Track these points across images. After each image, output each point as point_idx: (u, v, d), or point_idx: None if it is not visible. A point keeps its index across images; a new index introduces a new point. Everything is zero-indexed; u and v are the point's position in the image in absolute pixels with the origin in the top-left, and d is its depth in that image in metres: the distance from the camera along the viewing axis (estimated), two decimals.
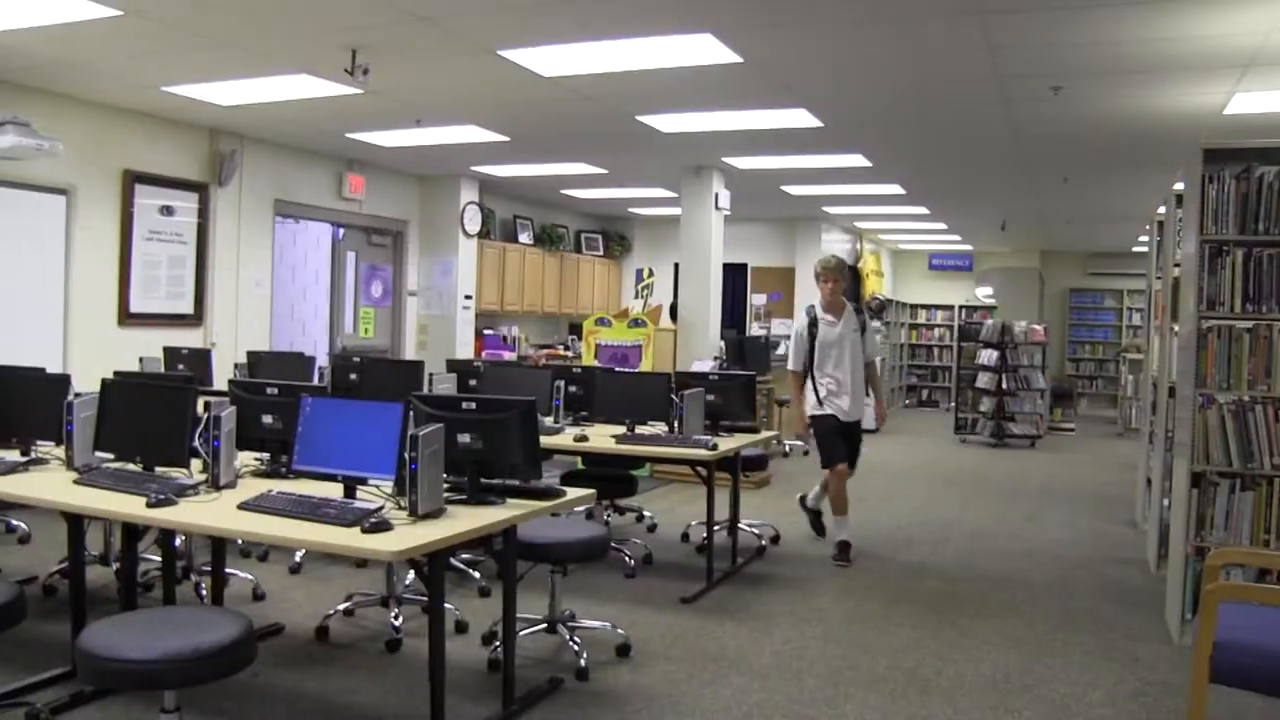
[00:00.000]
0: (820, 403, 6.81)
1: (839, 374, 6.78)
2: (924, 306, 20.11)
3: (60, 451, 4.46)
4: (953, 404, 15.71)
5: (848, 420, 6.86)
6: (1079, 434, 15.28)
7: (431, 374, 6.91)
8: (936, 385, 19.95)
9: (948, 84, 6.82)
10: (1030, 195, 11.85)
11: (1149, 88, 6.62)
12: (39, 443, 4.68)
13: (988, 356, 13.81)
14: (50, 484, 4.08)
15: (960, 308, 19.51)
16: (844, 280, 6.88)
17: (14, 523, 6.73)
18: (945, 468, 11.56)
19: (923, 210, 13.75)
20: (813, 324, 6.85)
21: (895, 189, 11.70)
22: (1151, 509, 6.87)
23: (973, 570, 6.61)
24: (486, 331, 12.90)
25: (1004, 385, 13.67)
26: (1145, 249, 10.20)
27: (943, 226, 15.77)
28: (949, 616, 5.50)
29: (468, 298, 12.10)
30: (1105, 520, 8.43)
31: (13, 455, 4.51)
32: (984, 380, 13.81)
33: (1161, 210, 7.72)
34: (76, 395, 4.40)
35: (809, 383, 6.88)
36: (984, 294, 18.67)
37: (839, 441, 6.83)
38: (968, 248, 19.12)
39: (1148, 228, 9.41)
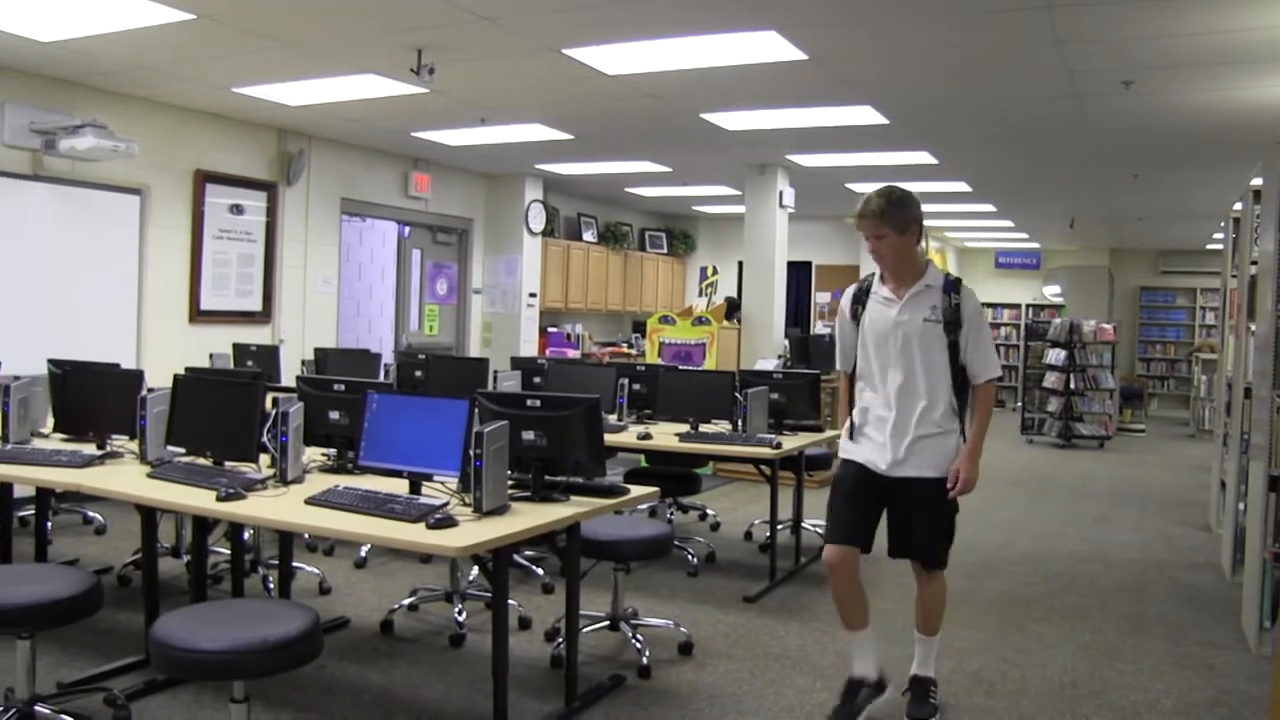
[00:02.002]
0: (851, 436, 4.08)
1: (886, 390, 3.96)
2: (990, 305, 19.82)
3: (134, 446, 4.54)
4: (1019, 404, 15.51)
5: (888, 475, 3.95)
6: (1150, 435, 14.99)
7: (496, 371, 6.95)
8: (1002, 385, 19.64)
9: (1016, 80, 6.71)
10: (1100, 192, 11.64)
11: (1223, 80, 6.46)
12: (114, 437, 4.78)
13: (1055, 356, 13.60)
14: (125, 477, 4.17)
15: (1027, 306, 19.21)
16: (905, 228, 3.95)
17: (91, 514, 6.89)
18: (1011, 468, 11.39)
19: (989, 208, 13.57)
20: (859, 298, 4.10)
21: (962, 186, 11.56)
22: (1226, 513, 6.71)
23: (1039, 572, 6.50)
24: (550, 329, 12.96)
25: (1072, 385, 13.44)
26: (1220, 246, 9.98)
27: (1010, 224, 15.56)
28: (1014, 619, 5.42)
29: (532, 295, 12.15)
30: (1177, 523, 8.25)
31: (89, 449, 4.61)
32: (1051, 380, 13.60)
33: (1238, 206, 7.54)
34: (150, 391, 4.48)
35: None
36: (1052, 293, 18.38)
37: (851, 509, 4.08)
38: (1035, 246, 18.83)
39: (1222, 224, 9.20)
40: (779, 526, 6.12)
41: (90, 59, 6.82)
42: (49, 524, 5.59)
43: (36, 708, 3.56)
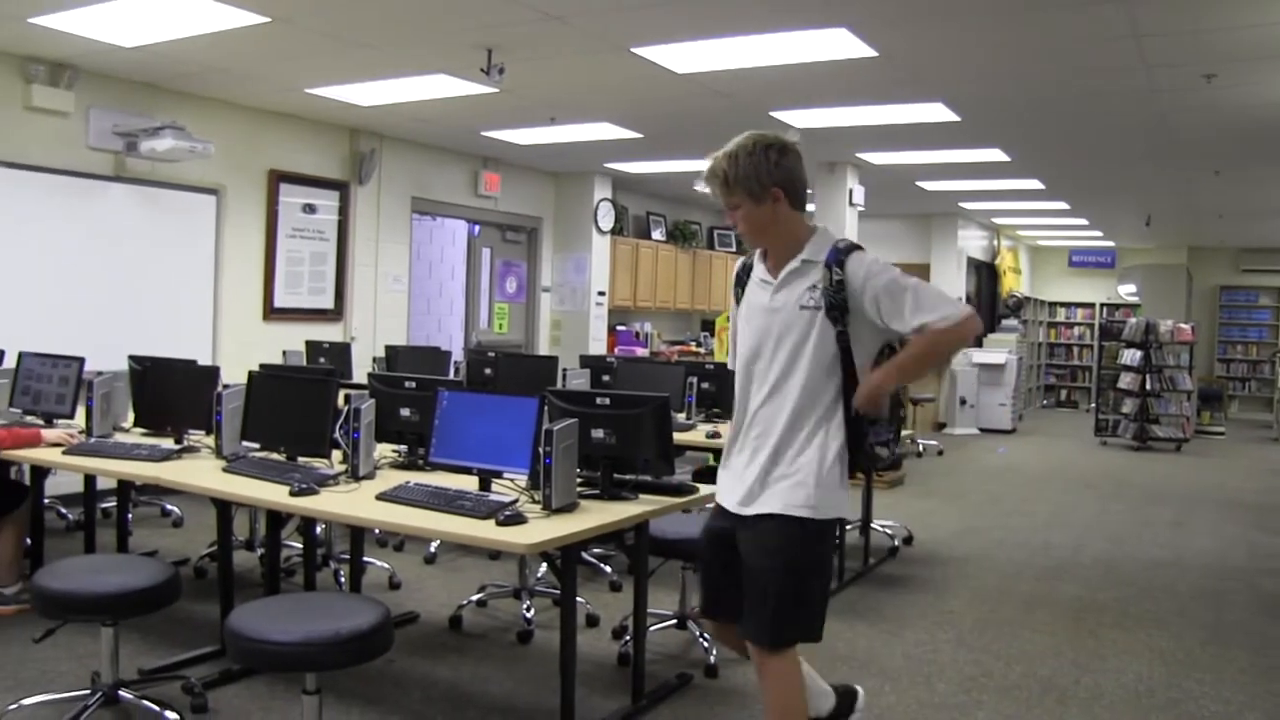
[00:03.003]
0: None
1: (752, 402, 3.05)
2: (1063, 304, 19.54)
3: (210, 440, 4.63)
4: (1093, 405, 15.26)
5: (740, 511, 3.03)
6: (1229, 438, 14.65)
7: (565, 369, 6.98)
8: (1076, 385, 19.39)
9: (1091, 75, 6.59)
10: (1178, 189, 11.37)
11: None
12: (191, 432, 4.88)
13: (1131, 356, 13.35)
14: (201, 471, 4.25)
15: (1102, 306, 18.90)
16: (762, 196, 3.14)
17: (168, 507, 7.04)
18: (1084, 470, 11.21)
19: (1063, 205, 13.34)
20: (740, 279, 3.23)
21: (1035, 184, 11.37)
22: None
23: (1113, 577, 6.37)
24: (619, 327, 12.97)
25: (1148, 386, 13.18)
26: None
27: (1084, 222, 15.28)
28: (1088, 624, 5.32)
29: (601, 294, 12.17)
30: (1259, 529, 8.05)
31: (167, 443, 4.71)
32: (1126, 381, 13.35)
33: None
34: (225, 387, 4.57)
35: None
36: (1127, 292, 18.01)
37: (708, 570, 3.23)
38: (1110, 244, 18.46)
39: None
40: (848, 527, 6.07)
41: (169, 62, 6.96)
42: (129, 516, 5.72)
43: (120, 692, 3.67)
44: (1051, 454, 12.59)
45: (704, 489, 4.10)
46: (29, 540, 5.15)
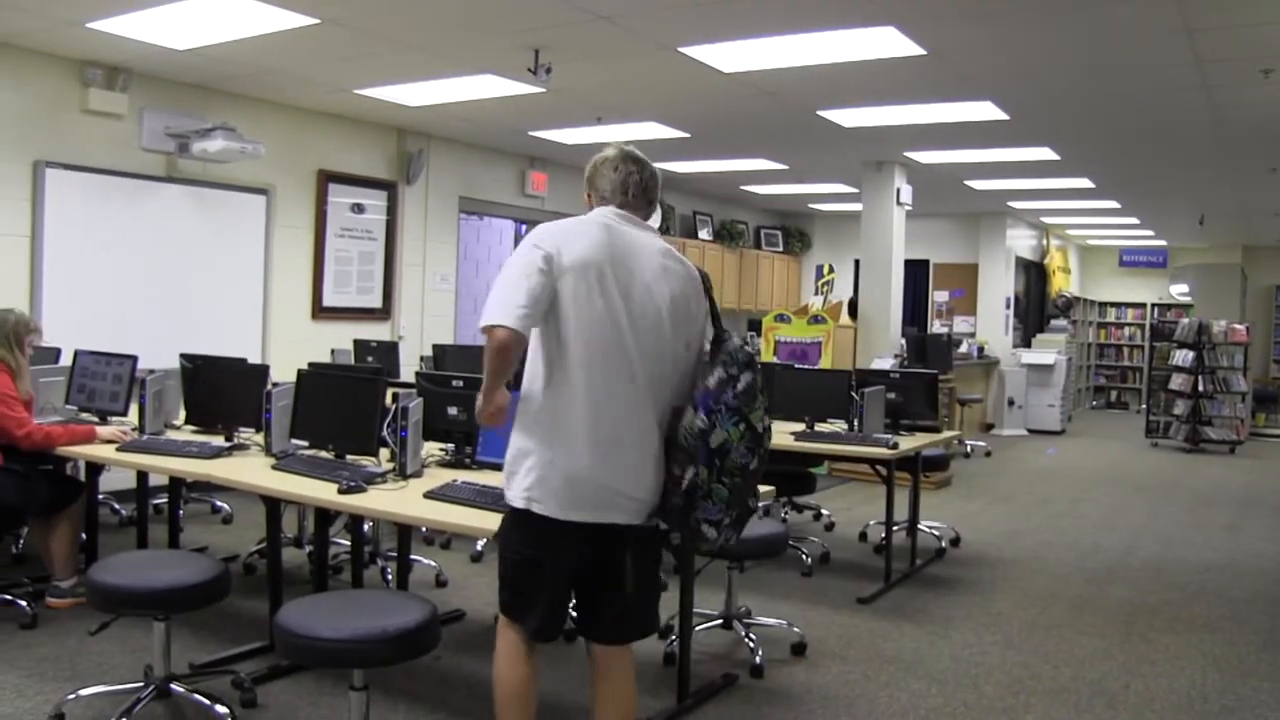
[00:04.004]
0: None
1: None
2: (1113, 305, 19.28)
3: (260, 438, 4.69)
4: (1144, 406, 15.04)
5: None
6: None
7: None
8: (1126, 386, 19.14)
9: (1143, 72, 6.49)
10: (1232, 187, 11.18)
11: None
12: (241, 429, 4.93)
13: (1183, 357, 13.16)
14: (250, 468, 4.29)
15: (1153, 306, 18.62)
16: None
17: (219, 504, 7.13)
18: (1135, 472, 11.06)
19: (1114, 204, 13.16)
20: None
21: (1085, 183, 11.23)
22: None
23: (1165, 580, 6.27)
24: None
25: (1200, 387, 12.99)
26: None
27: (1135, 221, 15.06)
28: (1138, 628, 5.25)
29: None
30: None
31: (217, 441, 4.76)
32: (1178, 382, 13.16)
33: None
34: (274, 385, 4.62)
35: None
36: (1179, 292, 17.74)
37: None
38: (1162, 243, 18.17)
39: None
40: (894, 528, 6.02)
41: (220, 64, 7.04)
42: (181, 512, 5.80)
43: (172, 686, 3.72)
44: (1101, 456, 12.43)
45: None
46: (83, 535, 5.24)
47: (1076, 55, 6.22)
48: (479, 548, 6.19)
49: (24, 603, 4.71)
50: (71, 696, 3.74)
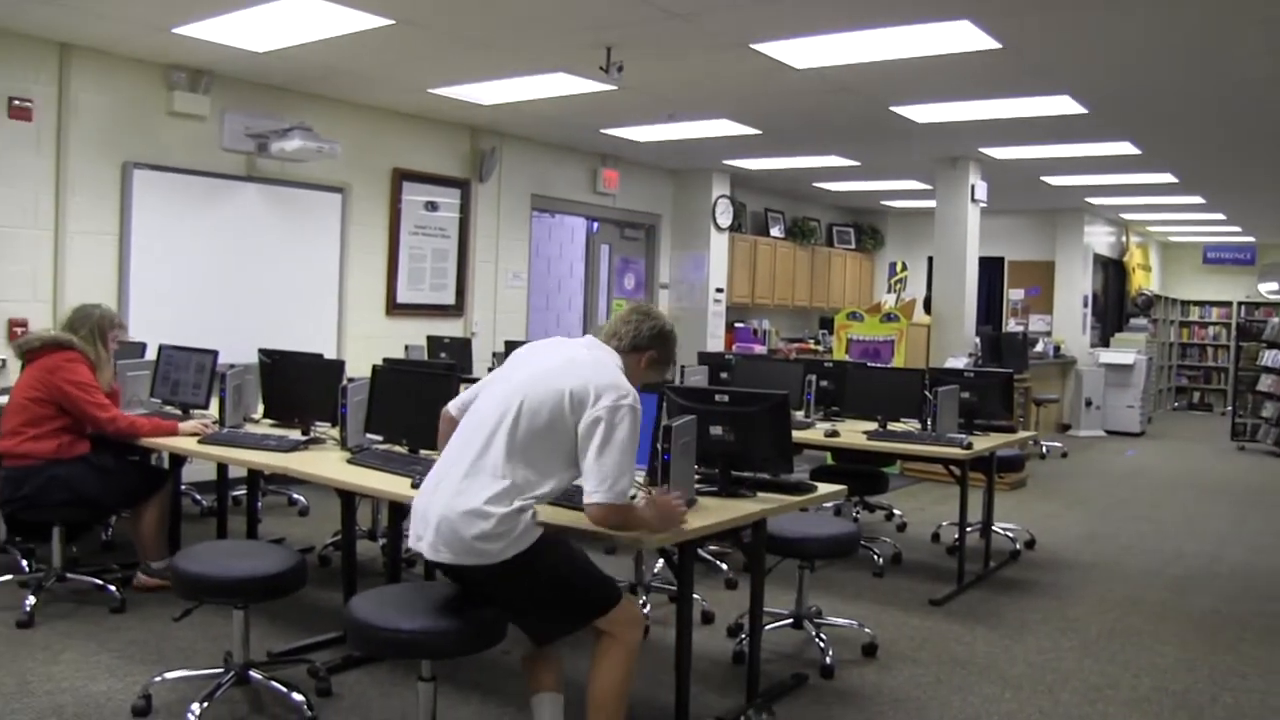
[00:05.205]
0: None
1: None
2: (1197, 303, 18.81)
3: (335, 432, 4.76)
4: (1229, 408, 14.68)
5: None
6: None
7: (683, 366, 6.97)
8: (1210, 387, 18.67)
9: (1228, 62, 6.31)
10: None
11: None
12: (317, 423, 5.02)
13: (1272, 357, 12.82)
14: (326, 462, 4.37)
15: (1239, 304, 18.13)
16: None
17: (295, 496, 7.25)
18: (1220, 476, 10.79)
19: (1198, 200, 12.84)
20: None
21: (1167, 178, 10.97)
22: None
23: (1253, 590, 6.11)
24: (737, 325, 12.94)
25: None
26: None
27: (1220, 217, 14.68)
28: (1225, 639, 5.11)
29: (719, 291, 12.15)
30: None
31: (295, 434, 4.85)
32: (1267, 383, 12.82)
33: None
34: (350, 380, 4.68)
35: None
36: (1268, 289, 17.27)
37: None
38: (1249, 239, 17.67)
39: None
40: (968, 529, 5.95)
41: (298, 66, 7.17)
42: (259, 504, 5.91)
43: (250, 673, 3.80)
44: (1183, 458, 12.15)
45: (822, 488, 4.06)
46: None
47: (1159, 45, 6.08)
48: None
49: (114, 588, 4.86)
50: (158, 679, 3.84)
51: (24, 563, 5.20)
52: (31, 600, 4.62)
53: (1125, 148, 9.22)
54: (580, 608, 3.16)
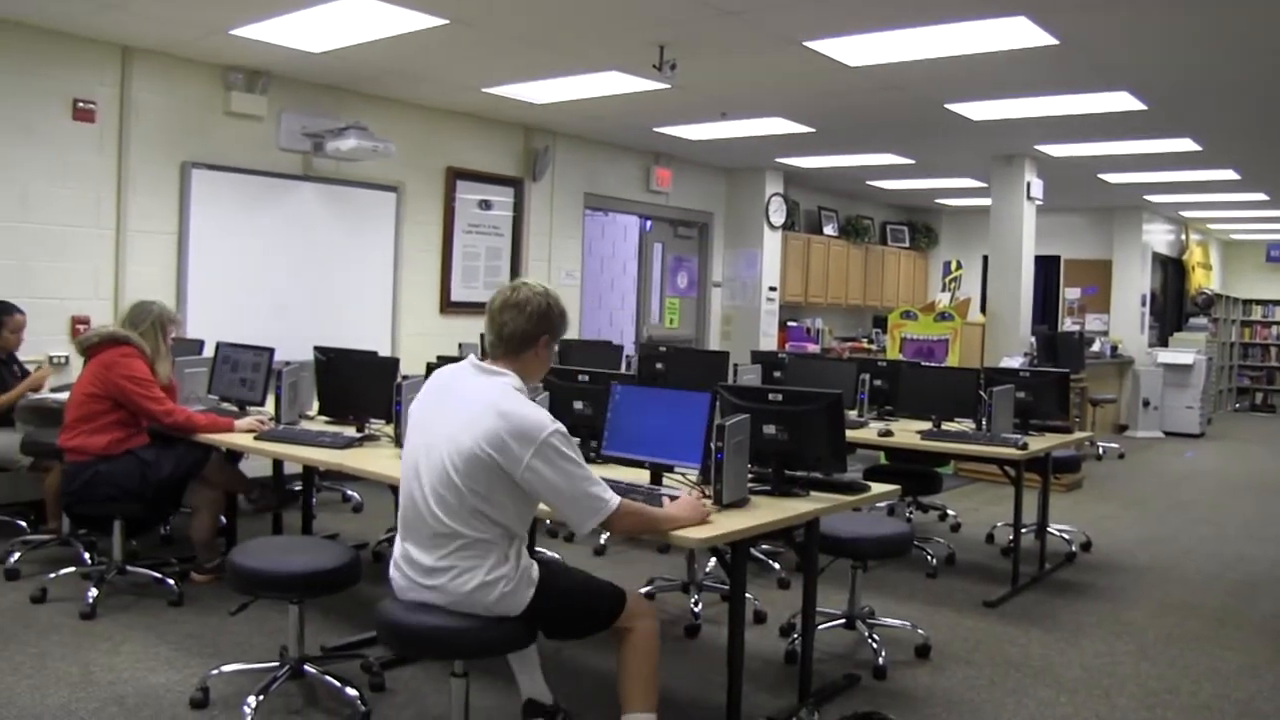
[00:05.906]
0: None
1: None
2: (1259, 302, 18.44)
3: (390, 429, 4.80)
4: None
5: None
6: None
7: (736, 365, 6.95)
8: (1273, 388, 18.31)
9: None
10: None
11: None
12: (371, 420, 5.06)
13: None
14: (380, 459, 4.40)
15: None
16: None
17: (349, 493, 7.32)
18: None
19: (1261, 196, 12.59)
20: None
21: (1229, 174, 10.77)
22: None
23: None
24: (790, 323, 12.88)
25: None
26: None
27: None
28: None
29: (772, 289, 12.10)
30: None
31: (349, 431, 4.89)
32: None
33: None
34: (404, 378, 4.70)
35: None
36: None
37: None
38: None
39: None
40: (1023, 530, 5.88)
41: (353, 66, 7.23)
42: (314, 500, 5.97)
43: (305, 667, 3.85)
44: (1245, 461, 11.93)
45: (876, 487, 4.03)
46: (223, 519, 5.45)
47: (1220, 39, 5.96)
48: (602, 541, 6.24)
49: (172, 581, 4.94)
50: (214, 672, 3.90)
51: (86, 555, 5.30)
52: (94, 592, 4.72)
53: (1186, 144, 9.06)
54: (593, 621, 3.20)
